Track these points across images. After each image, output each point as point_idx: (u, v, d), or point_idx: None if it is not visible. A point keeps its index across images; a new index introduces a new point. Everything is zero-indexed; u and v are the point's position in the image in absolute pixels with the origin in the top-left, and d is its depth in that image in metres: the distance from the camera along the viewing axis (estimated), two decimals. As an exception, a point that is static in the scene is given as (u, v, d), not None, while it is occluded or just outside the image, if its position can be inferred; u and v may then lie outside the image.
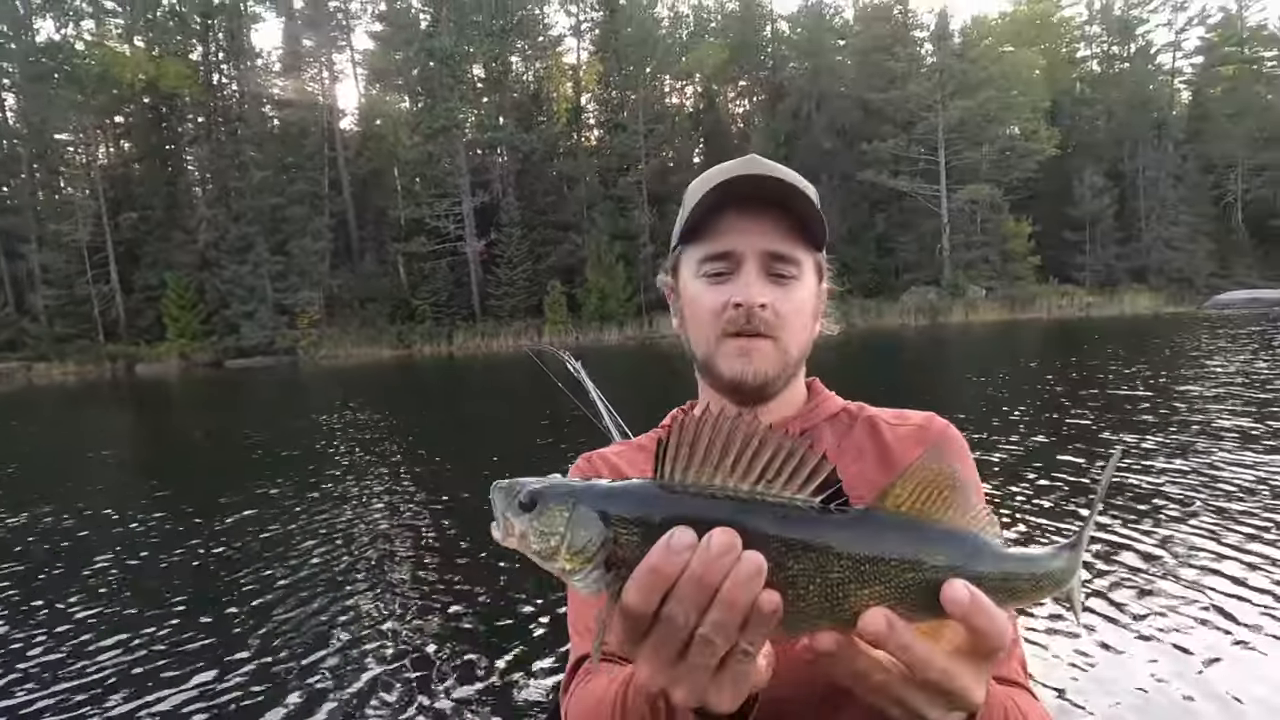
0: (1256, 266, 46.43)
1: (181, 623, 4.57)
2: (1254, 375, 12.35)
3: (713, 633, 0.57)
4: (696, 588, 0.56)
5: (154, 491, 8.63)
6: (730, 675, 0.60)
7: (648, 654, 0.60)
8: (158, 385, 31.15)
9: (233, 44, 47.86)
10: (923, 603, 0.59)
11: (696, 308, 1.05)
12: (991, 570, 0.60)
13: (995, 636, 0.58)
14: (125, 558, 6.03)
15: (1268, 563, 4.39)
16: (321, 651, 4.07)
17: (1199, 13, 56.05)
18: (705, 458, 0.59)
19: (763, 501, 0.59)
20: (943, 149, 43.61)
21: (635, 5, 47.67)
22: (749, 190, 1.00)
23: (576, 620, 1.04)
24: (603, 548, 0.59)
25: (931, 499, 0.61)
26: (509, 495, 0.62)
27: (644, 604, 0.58)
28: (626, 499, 0.61)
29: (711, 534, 0.56)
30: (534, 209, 44.79)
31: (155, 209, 43.85)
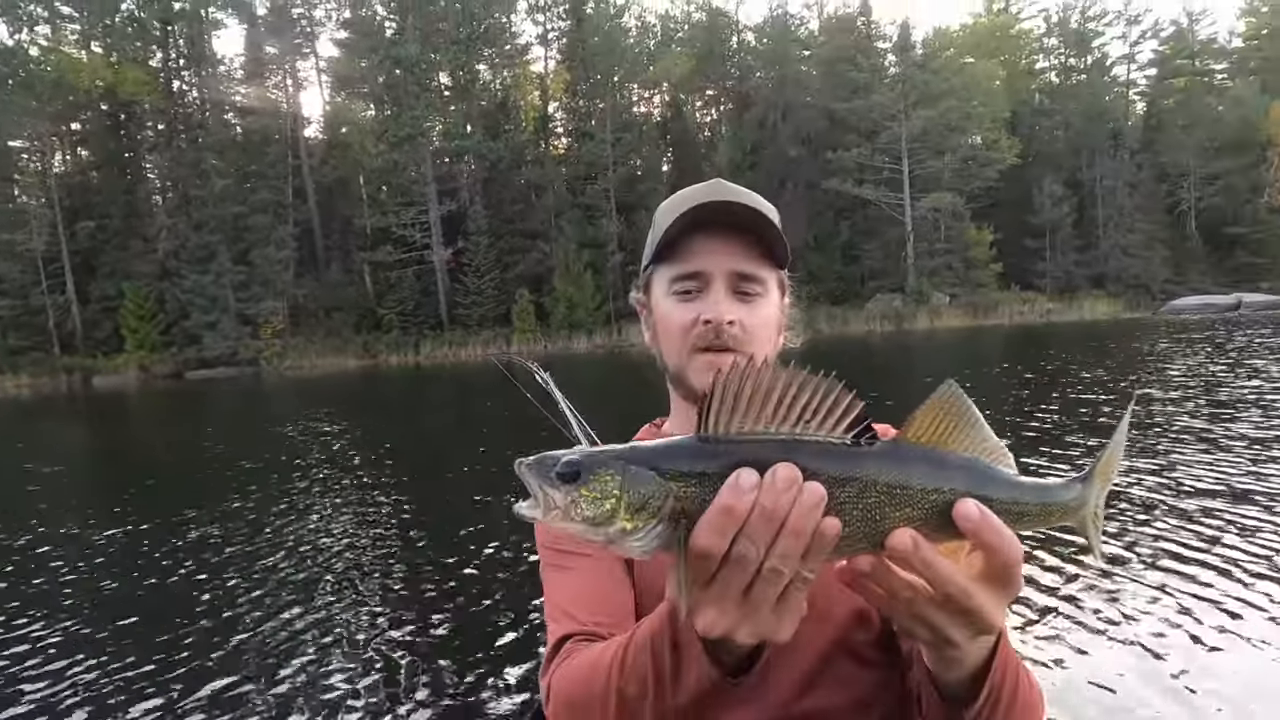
0: (1210, 272, 47.65)
1: (143, 642, 4.43)
2: (1209, 377, 12.66)
3: (780, 563, 0.61)
4: (766, 521, 0.60)
5: (111, 508, 8.40)
6: (789, 605, 0.65)
7: (714, 597, 0.64)
8: (116, 398, 30.44)
9: (193, 50, 47.10)
10: (943, 525, 0.64)
11: (668, 324, 1.14)
12: (1001, 495, 0.66)
13: (1003, 552, 0.63)
14: (82, 577, 5.84)
15: (1231, 563, 4.45)
16: (289, 667, 3.98)
17: (1152, 26, 57.77)
18: (749, 407, 0.63)
19: (804, 441, 0.63)
20: (906, 158, 44.23)
21: (602, 15, 47.79)
22: (717, 216, 1.09)
23: (555, 604, 1.07)
24: (665, 502, 0.62)
25: (947, 431, 0.66)
26: (543, 469, 0.64)
27: (717, 545, 0.61)
28: (677, 453, 0.64)
29: (775, 469, 0.60)
30: (501, 217, 44.59)
31: (113, 218, 42.89)
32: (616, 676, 0.82)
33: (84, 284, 42.17)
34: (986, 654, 0.75)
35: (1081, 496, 0.71)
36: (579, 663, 0.92)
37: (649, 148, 45.78)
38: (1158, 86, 56.33)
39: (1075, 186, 48.56)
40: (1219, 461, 6.78)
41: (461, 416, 15.29)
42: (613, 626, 0.99)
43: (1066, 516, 0.71)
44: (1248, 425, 8.37)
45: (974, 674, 0.75)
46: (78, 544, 6.79)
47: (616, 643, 0.85)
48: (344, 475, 9.37)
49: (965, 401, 0.67)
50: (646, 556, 0.65)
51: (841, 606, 1.05)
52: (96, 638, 4.54)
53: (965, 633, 0.69)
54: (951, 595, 0.65)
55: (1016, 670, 0.80)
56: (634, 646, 0.81)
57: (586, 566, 1.10)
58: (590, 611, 1.03)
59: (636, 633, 0.83)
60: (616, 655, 0.83)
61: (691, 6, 57.66)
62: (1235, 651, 3.45)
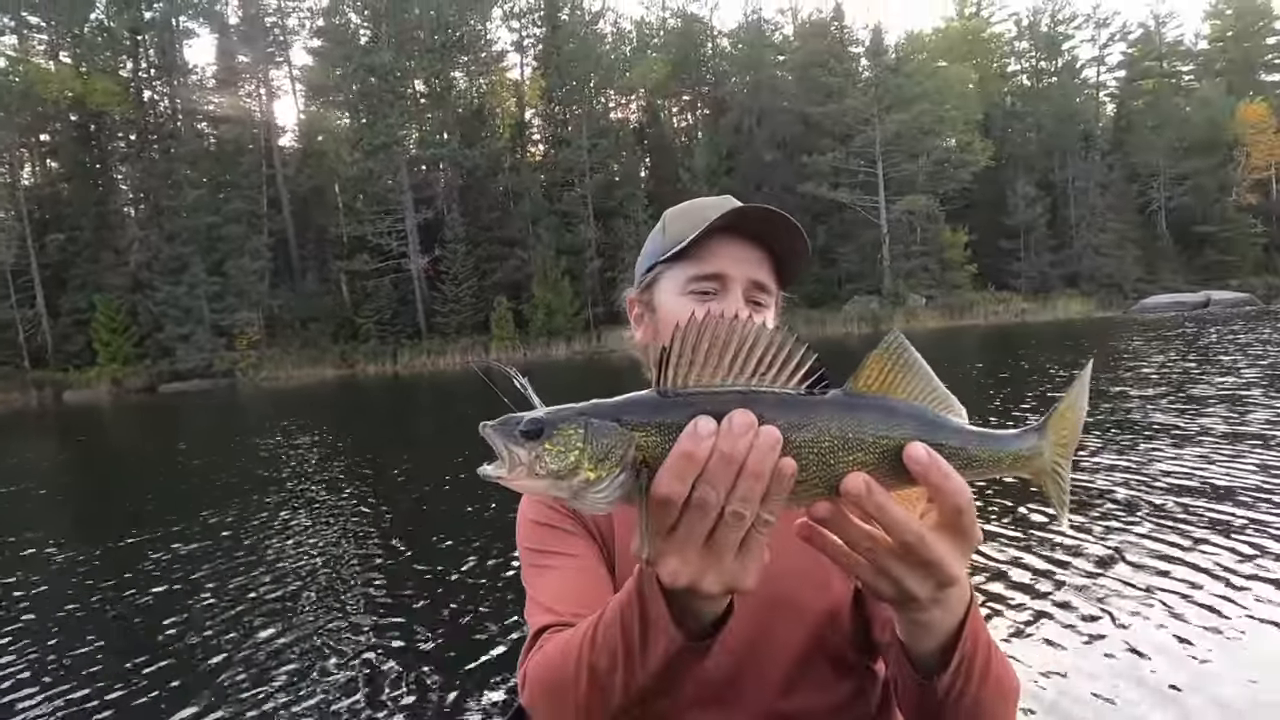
0: (1181, 271, 48.38)
1: (116, 663, 4.32)
2: (1181, 373, 12.80)
3: (741, 505, 0.63)
4: (725, 464, 0.62)
5: (84, 525, 8.23)
6: (752, 551, 0.66)
7: (677, 545, 0.66)
8: (88, 412, 29.91)
9: (164, 60, 46.61)
10: (895, 472, 0.66)
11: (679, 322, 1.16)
12: (950, 441, 0.67)
13: (951, 494, 0.65)
14: (50, 598, 5.66)
15: (1212, 560, 4.47)
16: (269, 675, 3.93)
17: (1120, 29, 58.62)
18: (705, 360, 0.65)
19: (760, 392, 0.65)
20: (880, 161, 44.55)
21: (577, 22, 47.83)
22: (752, 224, 1.14)
23: (535, 601, 1.09)
24: (627, 451, 0.64)
25: (895, 379, 0.67)
26: (507, 429, 0.66)
27: (678, 490, 0.63)
28: (637, 407, 0.66)
29: (732, 415, 0.62)
30: (479, 225, 44.47)
31: (84, 229, 42.28)
32: (588, 652, 0.83)
33: (54, 297, 41.51)
34: (956, 623, 0.76)
35: (1035, 447, 0.71)
36: (552, 647, 0.93)
37: (626, 154, 45.81)
38: (1127, 88, 57.26)
39: (1048, 187, 49.17)
40: (1191, 457, 6.84)
41: (440, 425, 15.20)
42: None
43: (1019, 466, 0.71)
44: (1217, 420, 8.45)
45: (944, 643, 0.77)
46: (47, 564, 6.62)
47: (589, 621, 0.87)
48: (321, 487, 9.23)
49: (911, 351, 0.68)
50: (610, 508, 0.66)
51: (816, 605, 1.09)
52: (66, 660, 4.41)
53: (926, 585, 0.70)
54: (909, 543, 0.66)
55: (989, 645, 0.81)
56: (603, 622, 0.82)
57: (568, 565, 1.11)
58: (569, 604, 1.04)
59: (607, 608, 0.84)
60: (587, 633, 0.85)
61: (667, 13, 57.97)
62: (1220, 648, 3.46)
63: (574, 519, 1.17)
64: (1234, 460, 6.65)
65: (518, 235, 44.11)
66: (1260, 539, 4.69)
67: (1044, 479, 0.72)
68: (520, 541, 1.20)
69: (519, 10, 52.85)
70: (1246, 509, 5.30)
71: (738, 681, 1.08)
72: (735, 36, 54.50)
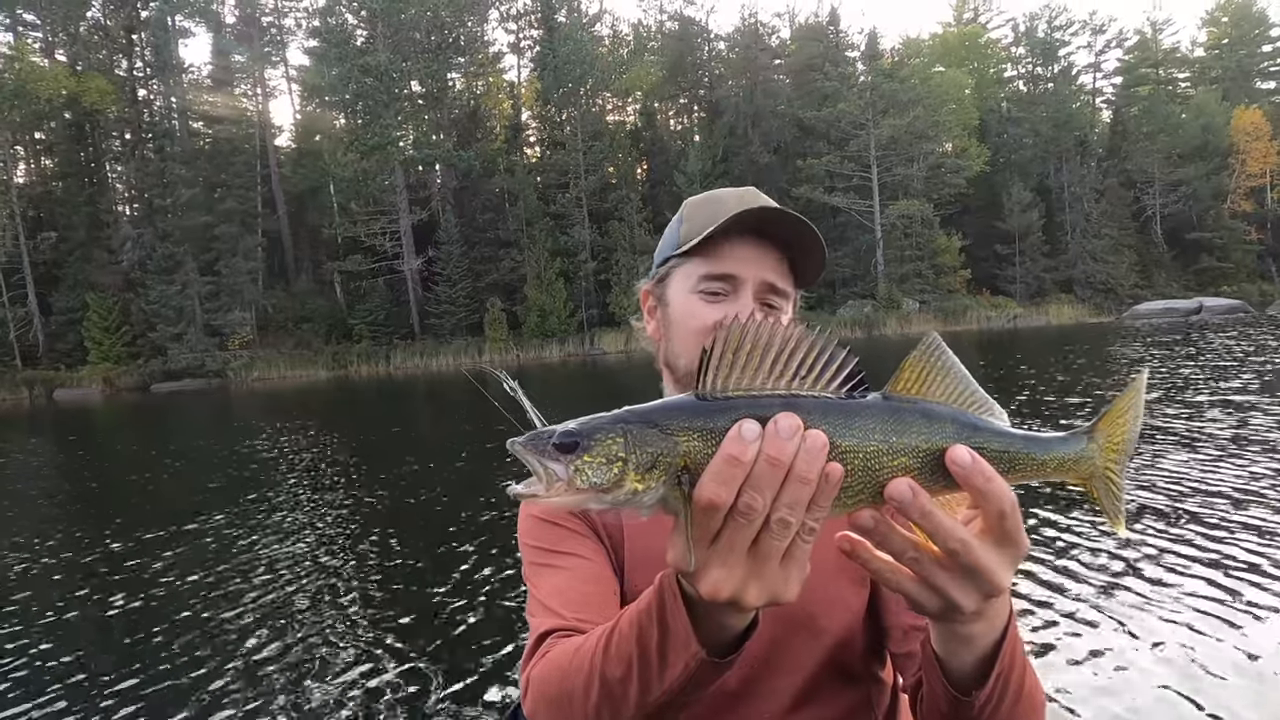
0: (1175, 277, 48.45)
1: (104, 665, 4.27)
2: (1179, 379, 12.81)
3: (788, 512, 0.61)
4: (771, 469, 0.60)
5: (72, 527, 8.12)
6: (796, 561, 0.64)
7: (720, 553, 0.63)
8: (79, 412, 29.81)
9: (159, 59, 46.54)
10: (937, 476, 0.64)
11: (686, 323, 1.15)
12: (991, 444, 0.66)
13: (994, 498, 0.63)
14: (42, 600, 5.59)
15: (1224, 559, 4.50)
16: (263, 684, 3.90)
17: (1116, 35, 58.72)
18: (747, 363, 0.63)
19: (801, 396, 0.63)
20: (875, 166, 44.54)
21: (573, 24, 47.82)
22: (768, 224, 1.11)
23: (538, 601, 1.07)
24: (674, 458, 0.62)
25: (933, 382, 0.67)
26: (539, 444, 0.63)
27: (723, 496, 0.60)
28: (677, 411, 0.64)
29: (777, 418, 0.60)
30: (473, 226, 44.41)
31: (77, 228, 42.24)
32: (600, 660, 0.81)
33: (46, 295, 41.44)
34: (996, 637, 0.73)
35: (1083, 451, 0.69)
36: (559, 653, 0.91)
37: (621, 156, 45.79)
38: (1123, 95, 57.31)
39: (1043, 193, 49.18)
40: (1191, 460, 6.90)
41: (435, 426, 15.16)
42: (597, 625, 0.96)
43: (1064, 471, 0.69)
44: (1217, 425, 8.51)
45: (983, 657, 0.74)
46: (33, 565, 6.55)
47: (601, 629, 0.84)
48: (313, 488, 9.19)
49: (947, 353, 0.67)
50: (648, 515, 0.65)
51: (831, 622, 1.07)
52: (53, 664, 4.37)
53: (972, 595, 0.67)
54: (954, 550, 0.64)
55: (1024, 663, 0.78)
56: (620, 629, 0.80)
57: (572, 565, 1.09)
58: (574, 609, 1.02)
59: (622, 616, 0.81)
60: (601, 640, 0.82)
61: (664, 16, 58.02)
62: (1230, 654, 3.46)
63: (581, 519, 1.14)
64: (1236, 465, 6.69)
65: (512, 237, 44.05)
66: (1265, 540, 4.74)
67: (1093, 485, 0.71)
68: (522, 538, 1.17)
69: (516, 12, 52.93)
70: (1249, 512, 5.34)
71: (749, 695, 1.07)
72: (731, 40, 54.52)
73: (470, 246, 43.83)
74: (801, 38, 53.60)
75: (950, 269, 44.62)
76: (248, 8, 50.82)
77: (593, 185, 43.95)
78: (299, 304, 44.11)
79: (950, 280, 44.51)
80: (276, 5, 52.72)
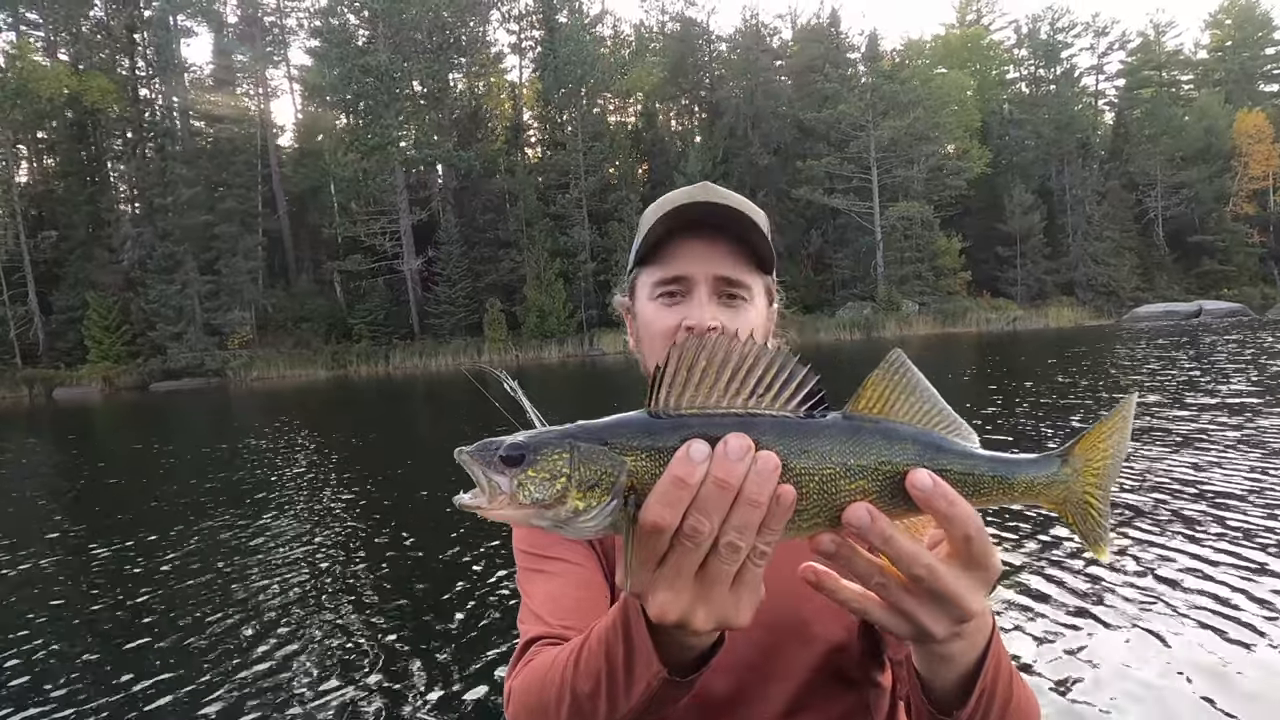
0: (1177, 280, 48.32)
1: (103, 666, 4.23)
2: (1182, 381, 12.78)
3: (736, 536, 0.59)
4: (720, 491, 0.58)
5: (71, 527, 8.06)
6: (747, 585, 0.62)
7: (667, 576, 0.61)
8: (79, 411, 29.78)
9: (161, 58, 46.62)
10: (899, 499, 0.62)
11: (651, 329, 1.15)
12: (955, 466, 0.63)
13: (958, 522, 0.61)
14: (40, 603, 5.49)
15: (1224, 562, 4.48)
16: (259, 684, 3.87)
17: (1119, 37, 58.60)
18: (701, 380, 0.61)
19: (757, 415, 0.61)
20: (875, 167, 44.47)
21: (574, 25, 47.80)
22: (701, 217, 1.09)
23: (528, 608, 1.07)
24: (617, 477, 0.59)
25: (896, 402, 0.64)
26: (486, 455, 0.61)
27: (668, 518, 0.58)
28: (627, 429, 0.61)
29: (727, 439, 0.58)
30: (473, 226, 44.42)
31: (77, 227, 42.33)
32: (571, 674, 0.80)
33: (47, 294, 41.52)
34: (977, 655, 0.72)
35: (1056, 475, 0.66)
36: (538, 664, 0.91)
37: (621, 157, 45.77)
38: (1125, 97, 57.16)
39: (1045, 195, 49.09)
40: (1195, 462, 6.88)
41: (433, 426, 15.10)
42: (581, 631, 0.96)
43: (1033, 495, 0.66)
44: (1214, 425, 8.51)
45: (964, 675, 0.72)
46: (31, 566, 6.49)
47: (574, 642, 0.84)
48: (311, 489, 9.12)
49: (912, 370, 0.65)
50: (596, 535, 0.62)
51: (824, 628, 1.05)
52: (52, 664, 4.33)
53: (942, 620, 0.65)
54: (919, 576, 0.62)
55: (1010, 673, 0.76)
56: (589, 644, 0.79)
57: (563, 572, 1.08)
58: (561, 616, 1.02)
59: (592, 631, 0.81)
60: (572, 654, 0.82)
61: (666, 17, 57.99)
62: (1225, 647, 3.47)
63: None
64: (1237, 466, 6.69)
65: (512, 237, 44.06)
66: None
67: (1068, 511, 0.67)
68: (516, 543, 1.16)
69: (518, 13, 52.93)
70: (1251, 513, 5.34)
71: (740, 702, 1.05)
72: (732, 41, 54.48)
73: (470, 247, 43.85)
74: (803, 39, 53.55)
75: (950, 271, 44.54)
76: (250, 7, 50.87)
77: (593, 186, 43.95)
78: (299, 303, 44.14)
79: (950, 282, 44.43)
80: (279, 5, 52.80)
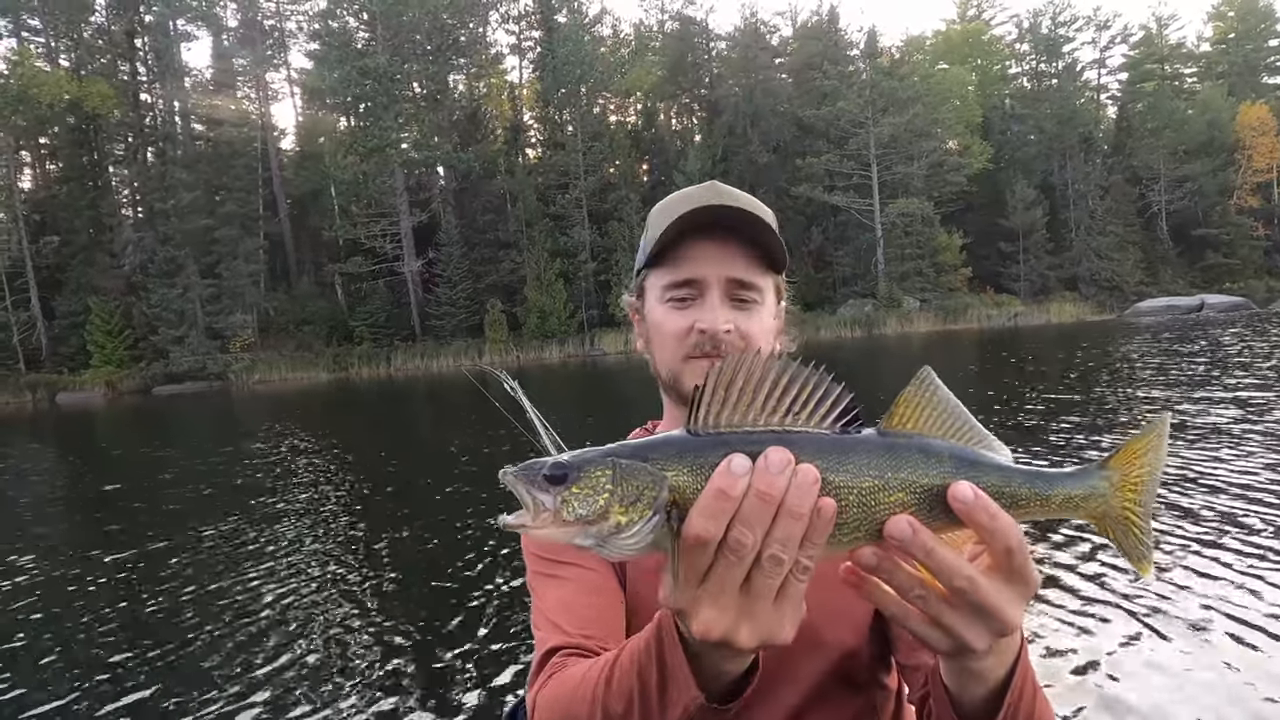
0: (1181, 274, 48.03)
1: (104, 671, 4.21)
2: (1178, 374, 12.77)
3: (780, 549, 0.59)
4: (762, 503, 0.58)
5: (74, 533, 8.05)
6: (790, 600, 0.62)
7: (711, 592, 0.61)
8: (82, 416, 29.88)
9: (161, 63, 46.72)
10: (937, 513, 0.62)
11: (662, 332, 1.14)
12: (991, 479, 0.64)
13: (1000, 535, 0.61)
14: (43, 607, 5.46)
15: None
16: (261, 688, 3.86)
17: (1121, 31, 58.20)
18: (739, 399, 0.62)
19: (794, 431, 0.62)
20: (875, 164, 44.32)
21: (573, 25, 47.76)
22: (711, 219, 1.07)
23: (543, 613, 1.06)
24: (659, 492, 0.61)
25: (928, 418, 0.65)
26: (530, 474, 0.62)
27: (711, 531, 0.59)
28: (668, 446, 0.63)
29: (768, 452, 0.59)
30: (473, 228, 44.42)
31: (79, 232, 42.47)
32: (603, 693, 0.80)
33: (50, 299, 41.66)
34: (1007, 670, 0.71)
35: (1093, 489, 0.66)
36: (565, 678, 0.91)
37: (621, 157, 45.71)
38: (1128, 91, 56.81)
39: (1047, 190, 48.85)
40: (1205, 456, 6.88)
41: (435, 428, 15.10)
42: (601, 640, 0.98)
43: (1070, 508, 0.66)
44: (1225, 419, 8.50)
45: (994, 690, 0.72)
46: (31, 572, 6.45)
47: (605, 659, 0.84)
48: (313, 491, 9.09)
49: (942, 388, 0.66)
50: (640, 554, 0.63)
51: (835, 637, 1.05)
52: (54, 670, 4.30)
53: (982, 634, 0.65)
54: (960, 589, 0.62)
55: (1035, 688, 0.76)
56: (621, 663, 0.79)
57: (576, 577, 1.07)
58: (579, 624, 1.01)
59: (625, 649, 0.81)
60: (604, 671, 0.81)
61: (665, 16, 57.90)
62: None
63: None
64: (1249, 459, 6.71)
65: (512, 238, 44.04)
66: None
67: (1107, 525, 0.67)
68: (526, 546, 1.15)
69: (517, 13, 52.90)
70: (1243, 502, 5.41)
71: (749, 707, 1.02)
72: (731, 40, 54.37)
73: (470, 248, 43.84)
74: (802, 36, 53.41)
75: (951, 267, 44.36)
76: (249, 11, 50.94)
77: (592, 186, 43.90)
78: (300, 306, 44.20)
79: (951, 278, 44.25)
80: (278, 8, 52.87)
